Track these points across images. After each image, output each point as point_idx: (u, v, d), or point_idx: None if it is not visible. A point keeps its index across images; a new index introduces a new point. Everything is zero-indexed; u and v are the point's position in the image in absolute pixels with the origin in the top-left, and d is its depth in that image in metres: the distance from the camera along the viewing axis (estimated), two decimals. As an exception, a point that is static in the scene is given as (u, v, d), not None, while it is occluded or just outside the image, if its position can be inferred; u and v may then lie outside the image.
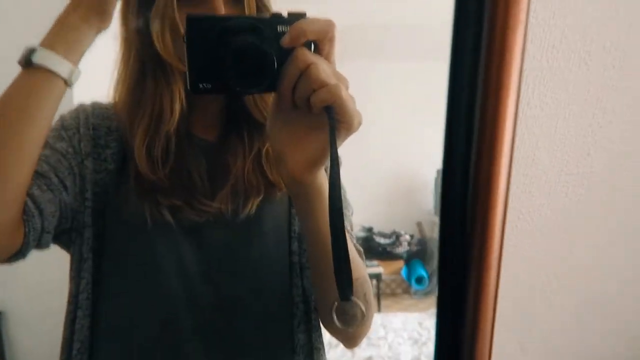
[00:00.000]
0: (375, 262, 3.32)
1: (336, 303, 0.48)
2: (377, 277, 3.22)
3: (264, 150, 0.57)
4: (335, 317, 0.48)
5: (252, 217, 0.56)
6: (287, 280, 0.58)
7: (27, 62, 0.48)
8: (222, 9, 0.49)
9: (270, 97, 0.49)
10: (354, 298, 0.42)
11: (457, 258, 0.35)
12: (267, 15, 0.40)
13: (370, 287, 0.53)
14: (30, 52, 0.48)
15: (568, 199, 0.62)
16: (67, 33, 0.48)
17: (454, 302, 0.35)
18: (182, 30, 0.49)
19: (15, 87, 0.49)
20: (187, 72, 0.40)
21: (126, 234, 0.56)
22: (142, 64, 0.55)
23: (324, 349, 0.60)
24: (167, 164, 0.54)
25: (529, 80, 0.55)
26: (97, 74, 0.60)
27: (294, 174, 0.43)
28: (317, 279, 0.54)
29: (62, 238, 0.57)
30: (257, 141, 0.57)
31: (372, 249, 3.58)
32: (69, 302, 0.57)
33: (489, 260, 0.34)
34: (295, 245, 0.58)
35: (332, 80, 0.40)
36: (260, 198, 0.56)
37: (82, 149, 0.56)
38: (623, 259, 0.69)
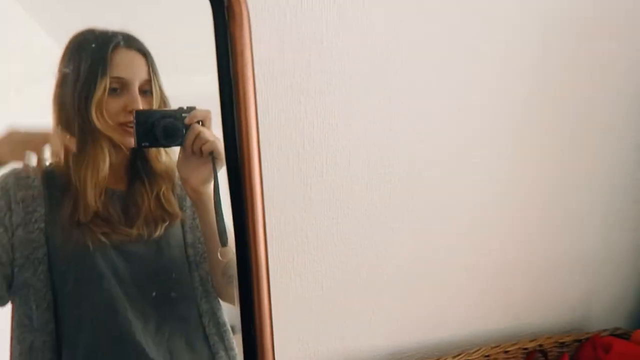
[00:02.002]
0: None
1: (219, 250, 0.77)
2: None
3: (161, 192, 0.81)
4: (222, 278, 0.79)
5: (162, 236, 0.79)
6: (187, 274, 0.82)
7: None
8: (139, 100, 0.75)
9: (162, 153, 0.80)
10: (229, 246, 0.75)
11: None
12: (176, 108, 0.75)
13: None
14: None
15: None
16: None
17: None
18: (107, 113, 0.74)
19: None
20: (135, 136, 0.73)
21: (72, 259, 0.75)
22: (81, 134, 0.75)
23: (222, 312, 0.85)
24: (98, 204, 0.76)
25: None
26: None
27: (196, 188, 0.76)
28: (211, 256, 0.81)
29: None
30: (155, 187, 0.81)
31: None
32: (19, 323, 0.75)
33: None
34: (190, 250, 0.83)
35: (212, 138, 0.73)
36: (166, 224, 0.80)
37: (14, 223, 0.74)
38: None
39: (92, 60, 0.74)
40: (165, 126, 0.73)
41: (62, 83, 0.75)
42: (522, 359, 1.02)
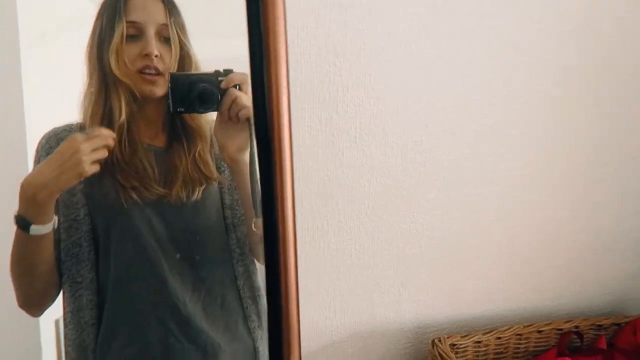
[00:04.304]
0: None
1: (254, 221, 0.77)
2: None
3: (197, 154, 0.81)
4: (260, 243, 0.72)
5: (199, 199, 0.79)
6: (224, 235, 0.83)
7: (24, 229, 0.69)
8: (153, 43, 0.74)
9: (198, 116, 0.80)
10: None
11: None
12: (211, 71, 0.73)
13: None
14: (26, 224, 0.69)
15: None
16: (43, 209, 0.69)
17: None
18: (126, 60, 0.74)
19: (22, 248, 0.72)
20: (170, 101, 0.72)
21: (111, 216, 0.77)
22: (104, 87, 0.76)
23: (257, 277, 0.86)
24: (125, 156, 0.77)
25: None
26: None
27: (232, 155, 0.74)
28: (248, 222, 0.81)
29: None
30: (192, 148, 0.81)
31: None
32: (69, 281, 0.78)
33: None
34: (227, 212, 0.83)
35: (249, 104, 0.70)
36: (203, 187, 0.80)
37: None
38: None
39: (110, 8, 0.75)
40: (201, 92, 0.72)
41: (92, 35, 0.78)
42: (556, 340, 0.98)
